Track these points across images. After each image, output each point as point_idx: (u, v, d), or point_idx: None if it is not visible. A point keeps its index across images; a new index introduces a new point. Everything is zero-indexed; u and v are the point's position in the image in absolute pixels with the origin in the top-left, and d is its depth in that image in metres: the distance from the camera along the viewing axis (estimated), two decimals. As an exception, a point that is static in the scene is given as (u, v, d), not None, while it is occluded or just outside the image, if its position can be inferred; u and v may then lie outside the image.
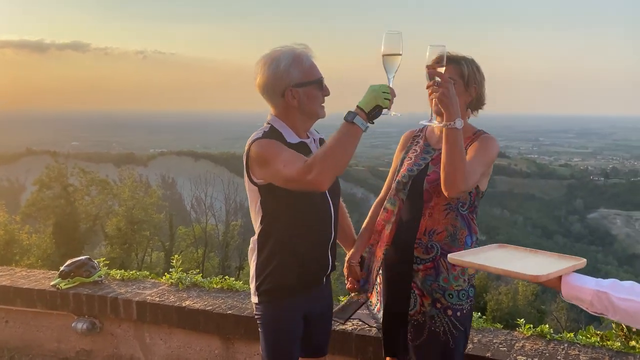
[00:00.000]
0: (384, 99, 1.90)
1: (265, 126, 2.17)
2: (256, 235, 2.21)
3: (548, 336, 2.90)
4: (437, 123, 2.10)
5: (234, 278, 3.94)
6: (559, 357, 2.67)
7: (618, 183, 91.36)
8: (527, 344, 2.82)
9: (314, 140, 2.24)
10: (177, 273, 3.83)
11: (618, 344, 2.78)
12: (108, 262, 4.17)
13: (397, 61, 1.97)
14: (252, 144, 2.09)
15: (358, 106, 1.91)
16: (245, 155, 2.12)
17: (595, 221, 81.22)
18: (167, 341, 3.50)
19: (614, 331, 2.87)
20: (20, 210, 30.56)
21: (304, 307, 2.24)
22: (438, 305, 2.16)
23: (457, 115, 2.00)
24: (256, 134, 2.12)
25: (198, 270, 5.29)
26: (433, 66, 2.00)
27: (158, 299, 3.50)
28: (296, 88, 2.10)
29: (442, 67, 2.00)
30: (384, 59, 1.97)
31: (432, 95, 2.04)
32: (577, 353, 2.72)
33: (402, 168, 2.33)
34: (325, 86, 2.18)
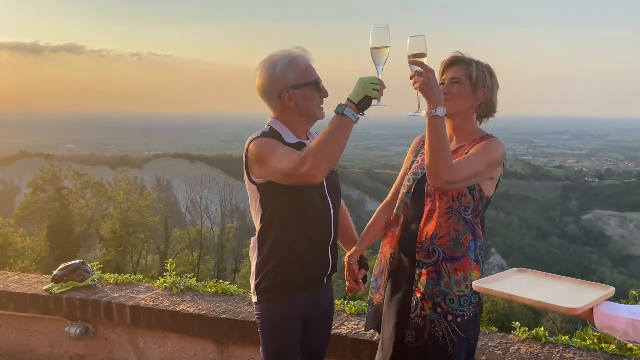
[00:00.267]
0: (373, 90, 1.96)
1: (265, 128, 2.22)
2: (257, 234, 2.24)
3: (543, 339, 2.89)
4: (424, 114, 2.08)
5: (230, 281, 3.93)
6: (555, 361, 2.67)
7: (613, 184, 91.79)
8: (523, 347, 2.81)
9: None
10: (172, 277, 3.81)
11: (614, 347, 2.78)
12: (102, 266, 4.15)
13: (385, 53, 2.02)
14: (251, 144, 2.14)
15: (348, 98, 1.97)
16: (244, 155, 2.16)
17: (590, 222, 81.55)
18: (161, 346, 3.48)
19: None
20: (14, 213, 30.40)
21: (304, 308, 2.25)
22: (439, 309, 2.13)
23: (439, 103, 1.99)
24: (255, 135, 2.18)
25: (192, 274, 5.28)
26: (414, 56, 2.02)
27: (152, 304, 3.47)
28: (293, 90, 2.14)
29: (424, 57, 2.02)
30: (373, 52, 2.03)
31: (415, 85, 2.04)
32: (573, 356, 2.72)
33: (409, 172, 2.33)
34: (323, 88, 2.21)
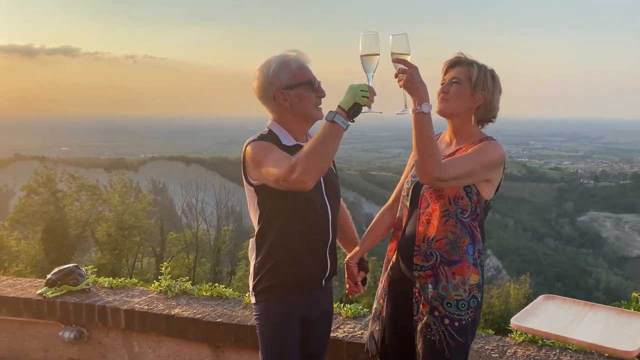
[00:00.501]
0: (362, 97, 1.96)
1: (264, 130, 2.23)
2: (255, 235, 2.25)
3: (540, 342, 2.88)
4: (411, 112, 2.07)
5: (226, 283, 3.91)
6: (551, 363, 2.66)
7: (607, 186, 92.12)
8: (519, 350, 2.80)
9: None
10: (166, 280, 3.79)
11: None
12: (96, 270, 4.12)
13: (375, 61, 2.03)
14: (248, 146, 2.16)
15: (339, 105, 1.97)
16: (242, 156, 2.18)
17: (585, 224, 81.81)
18: (156, 350, 3.45)
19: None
20: (8, 216, 30.24)
21: (303, 309, 2.24)
22: (436, 313, 2.11)
23: (424, 100, 1.98)
24: (252, 137, 2.19)
25: (188, 277, 5.25)
26: (397, 55, 2.02)
27: (147, 307, 3.45)
28: (287, 90, 2.16)
29: (407, 55, 2.02)
30: (362, 59, 2.03)
31: (399, 83, 2.03)
32: (569, 359, 2.71)
33: (409, 174, 2.32)
34: (319, 88, 2.22)
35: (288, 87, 2.16)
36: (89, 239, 30.15)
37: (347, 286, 2.42)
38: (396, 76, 2.04)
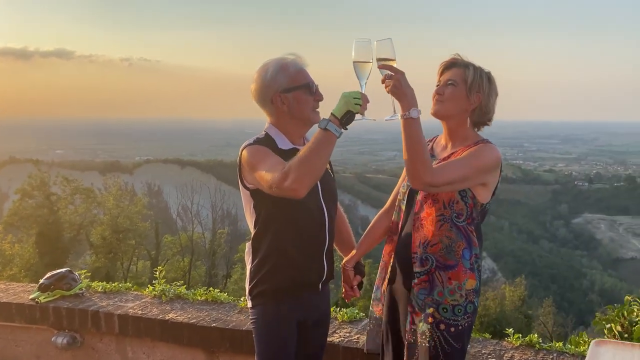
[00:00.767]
0: (355, 105, 1.95)
1: (260, 134, 2.22)
2: (251, 239, 2.25)
3: (537, 346, 2.87)
4: (400, 117, 2.04)
5: (222, 286, 3.89)
6: (549, 367, 2.64)
7: (602, 188, 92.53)
8: (517, 354, 2.79)
9: None
10: (161, 285, 3.76)
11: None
12: (89, 274, 4.09)
13: (368, 68, 2.02)
14: (243, 150, 2.15)
15: (332, 113, 1.96)
16: (238, 160, 2.18)
17: (579, 226, 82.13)
18: (150, 355, 3.42)
19: (606, 337, 2.84)
20: (2, 219, 30.06)
21: (299, 313, 2.23)
22: (430, 319, 2.08)
23: (412, 105, 1.97)
24: (249, 141, 2.18)
25: (183, 281, 5.21)
26: (382, 60, 2.00)
27: (140, 312, 3.42)
28: (284, 93, 2.16)
29: (393, 60, 2.00)
30: (355, 66, 2.02)
31: (386, 89, 2.01)
32: (567, 363, 2.69)
33: (406, 178, 2.29)
34: (317, 91, 2.21)
35: (286, 91, 2.16)
36: (84, 243, 30.00)
37: (343, 290, 2.41)
38: (383, 82, 2.02)
